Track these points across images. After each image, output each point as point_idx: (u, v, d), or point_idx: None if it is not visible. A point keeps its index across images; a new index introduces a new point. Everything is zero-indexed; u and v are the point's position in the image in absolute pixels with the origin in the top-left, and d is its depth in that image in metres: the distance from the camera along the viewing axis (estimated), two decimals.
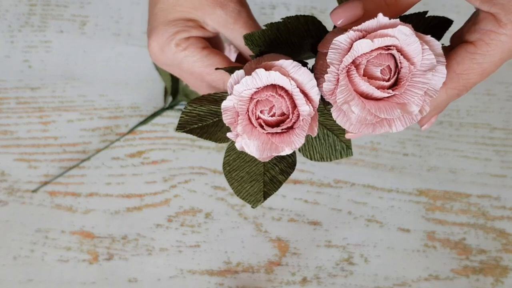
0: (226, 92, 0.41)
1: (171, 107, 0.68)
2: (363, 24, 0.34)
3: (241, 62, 0.50)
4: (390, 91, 0.34)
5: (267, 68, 0.35)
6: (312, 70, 0.39)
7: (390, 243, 0.67)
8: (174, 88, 0.66)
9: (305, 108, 0.35)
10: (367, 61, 0.34)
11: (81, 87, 0.71)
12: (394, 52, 0.34)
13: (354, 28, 0.34)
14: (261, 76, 0.35)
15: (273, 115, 0.36)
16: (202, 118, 0.43)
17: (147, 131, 0.69)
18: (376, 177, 0.69)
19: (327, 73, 0.34)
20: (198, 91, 0.50)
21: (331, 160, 0.43)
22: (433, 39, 0.34)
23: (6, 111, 0.70)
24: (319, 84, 0.36)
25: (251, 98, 0.36)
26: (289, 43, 0.41)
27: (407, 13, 0.39)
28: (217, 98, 0.43)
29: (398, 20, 0.34)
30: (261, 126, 0.36)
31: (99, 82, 0.71)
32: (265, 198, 0.42)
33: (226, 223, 0.67)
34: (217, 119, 0.43)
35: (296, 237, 0.67)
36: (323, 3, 0.73)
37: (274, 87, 0.35)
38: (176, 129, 0.42)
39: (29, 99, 0.70)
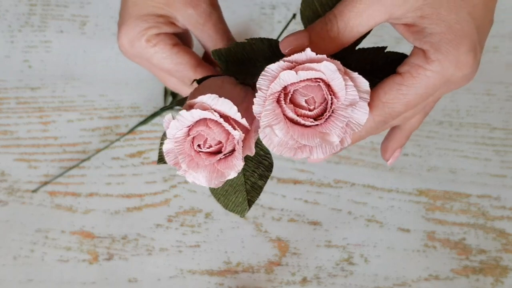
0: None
1: (171, 107, 0.68)
2: (292, 56, 0.36)
3: (208, 61, 0.51)
4: (313, 120, 0.37)
5: (189, 107, 0.37)
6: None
7: (390, 243, 0.67)
8: None
9: (235, 133, 0.37)
10: (295, 90, 0.36)
11: (81, 87, 0.71)
12: (321, 85, 0.36)
13: (285, 58, 0.36)
14: (185, 117, 0.37)
15: (209, 147, 0.37)
16: None
17: (147, 131, 0.69)
18: (376, 177, 0.69)
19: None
20: (166, 84, 0.51)
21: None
22: (360, 76, 0.37)
23: (6, 111, 0.70)
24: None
25: (187, 135, 0.38)
26: (253, 62, 0.43)
27: (366, 46, 0.42)
28: None
29: (325, 56, 0.36)
30: (203, 159, 0.38)
31: (99, 82, 0.71)
32: (250, 206, 0.44)
33: (226, 223, 0.67)
34: None
35: (296, 237, 0.67)
36: None
37: (204, 120, 0.37)
38: (158, 162, 0.44)
39: (29, 99, 0.70)
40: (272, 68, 0.36)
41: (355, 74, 0.37)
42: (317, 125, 0.37)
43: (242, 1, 0.73)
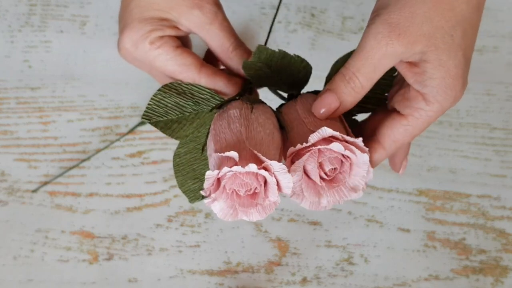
0: (195, 87, 0.46)
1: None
2: (347, 137, 0.42)
3: (209, 60, 0.52)
4: (322, 182, 0.43)
5: (255, 160, 0.40)
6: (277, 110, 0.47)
7: (390, 243, 0.67)
8: None
9: (274, 198, 0.41)
10: (329, 157, 0.42)
11: (81, 87, 0.71)
12: (347, 164, 0.43)
13: (338, 134, 0.42)
14: (252, 169, 0.40)
15: (247, 191, 0.41)
16: (168, 111, 0.47)
17: (147, 131, 0.69)
18: (376, 177, 0.69)
19: (301, 124, 0.44)
20: None
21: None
22: (371, 174, 0.44)
23: (6, 111, 0.70)
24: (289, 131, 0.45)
25: (234, 175, 0.41)
26: (280, 76, 0.47)
27: None
28: (186, 90, 0.46)
29: (367, 150, 0.42)
30: (233, 196, 0.41)
31: (99, 82, 0.71)
32: (203, 198, 0.46)
33: (226, 223, 0.67)
34: (181, 115, 0.47)
35: (296, 237, 0.67)
36: (323, 3, 0.74)
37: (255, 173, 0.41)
38: (142, 117, 0.46)
39: (29, 99, 0.70)
40: (327, 131, 0.41)
41: (371, 169, 0.44)
42: (321, 186, 0.43)
43: (242, 1, 0.73)
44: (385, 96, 0.48)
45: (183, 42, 0.50)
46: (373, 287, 0.66)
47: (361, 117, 0.50)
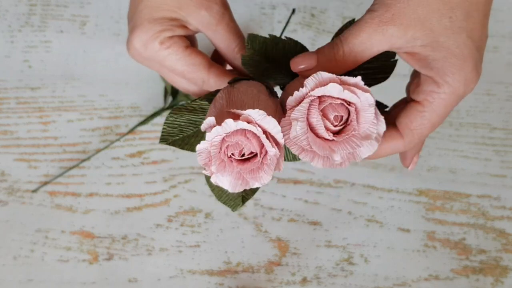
0: (204, 101, 0.46)
1: (171, 107, 0.68)
2: (346, 77, 0.40)
3: (217, 59, 0.53)
4: (331, 134, 0.40)
5: (235, 118, 0.39)
6: (282, 88, 0.46)
7: (390, 243, 0.67)
8: (174, 88, 0.66)
9: (271, 150, 0.39)
10: (330, 103, 0.40)
11: (81, 87, 0.71)
12: (353, 110, 0.40)
13: (335, 77, 0.40)
14: (230, 125, 0.39)
15: (243, 155, 0.39)
16: (183, 128, 0.47)
17: (147, 131, 0.69)
18: (376, 177, 0.69)
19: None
20: (176, 85, 0.52)
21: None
22: (383, 121, 0.41)
23: (6, 111, 0.70)
24: (285, 103, 0.42)
25: (223, 140, 0.39)
26: (277, 63, 0.46)
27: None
28: (196, 106, 0.46)
29: (370, 90, 0.40)
30: (233, 165, 0.40)
31: (99, 82, 0.71)
32: (243, 203, 0.46)
33: (226, 223, 0.67)
34: (196, 129, 0.47)
35: (296, 237, 0.67)
36: (323, 3, 0.74)
37: (243, 130, 0.39)
38: (160, 141, 0.46)
39: (29, 99, 0.70)
40: (324, 75, 0.39)
41: (382, 117, 0.41)
42: (331, 140, 0.40)
43: (242, 1, 0.73)
44: (392, 62, 0.47)
45: (191, 41, 0.51)
46: (373, 287, 0.66)
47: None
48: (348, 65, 0.42)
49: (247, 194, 0.46)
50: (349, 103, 0.40)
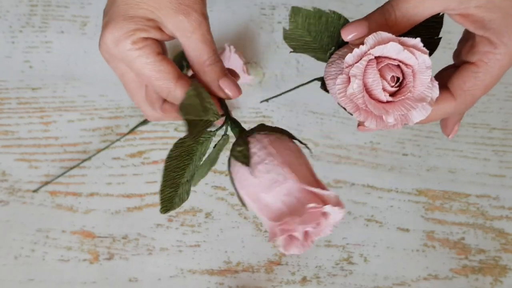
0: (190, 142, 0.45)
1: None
2: (405, 38, 0.40)
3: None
4: (387, 95, 0.40)
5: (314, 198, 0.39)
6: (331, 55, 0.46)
7: (389, 242, 0.67)
8: None
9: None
10: (387, 64, 0.40)
11: (81, 87, 0.71)
12: (409, 72, 0.40)
13: (394, 37, 0.40)
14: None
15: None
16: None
17: (147, 131, 0.70)
18: (376, 177, 0.69)
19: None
20: (132, 97, 0.50)
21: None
22: (437, 86, 0.41)
23: (7, 111, 0.70)
24: (332, 73, 0.42)
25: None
26: (319, 36, 0.46)
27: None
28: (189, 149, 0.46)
29: (428, 52, 0.40)
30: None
31: (100, 83, 0.71)
32: (172, 209, 0.47)
33: (226, 223, 0.67)
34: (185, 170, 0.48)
35: None
36: (323, 4, 0.74)
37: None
38: (160, 211, 0.47)
39: (30, 99, 0.70)
40: (383, 34, 0.40)
41: (436, 82, 0.41)
42: (385, 102, 0.40)
43: (242, 1, 0.73)
44: (436, 40, 0.47)
45: (162, 49, 0.49)
46: (373, 286, 0.66)
47: None
48: (400, 30, 0.42)
49: (174, 203, 0.48)
50: (406, 65, 0.40)
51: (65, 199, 0.68)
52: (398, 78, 0.40)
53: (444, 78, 0.45)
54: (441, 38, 0.46)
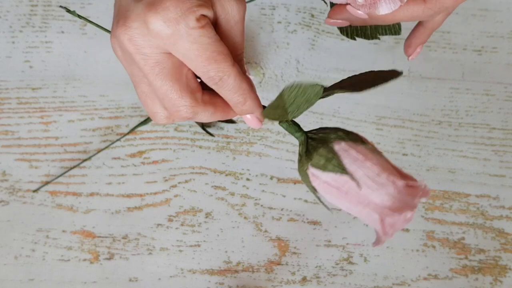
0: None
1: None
2: None
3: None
4: None
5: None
6: None
7: (389, 242, 0.67)
8: None
9: None
10: None
11: (82, 87, 0.71)
12: None
13: None
14: None
15: None
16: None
17: (147, 131, 0.70)
18: None
19: None
20: (173, 84, 0.42)
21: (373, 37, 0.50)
22: None
23: (7, 111, 0.70)
24: None
25: None
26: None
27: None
28: None
29: None
30: None
31: (100, 83, 0.71)
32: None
33: (226, 222, 0.67)
34: None
35: (296, 236, 0.67)
36: (323, 4, 0.74)
37: None
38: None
39: (30, 99, 0.70)
40: None
41: None
42: None
43: None
44: None
45: None
46: (373, 286, 0.66)
47: None
48: None
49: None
50: None
51: (65, 199, 0.68)
52: None
53: None
54: None
